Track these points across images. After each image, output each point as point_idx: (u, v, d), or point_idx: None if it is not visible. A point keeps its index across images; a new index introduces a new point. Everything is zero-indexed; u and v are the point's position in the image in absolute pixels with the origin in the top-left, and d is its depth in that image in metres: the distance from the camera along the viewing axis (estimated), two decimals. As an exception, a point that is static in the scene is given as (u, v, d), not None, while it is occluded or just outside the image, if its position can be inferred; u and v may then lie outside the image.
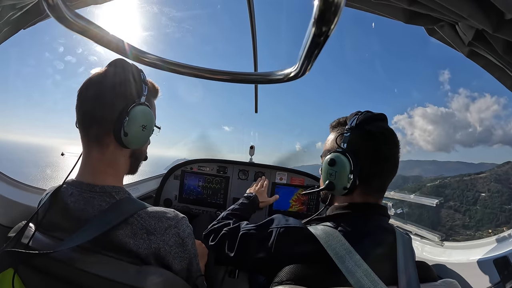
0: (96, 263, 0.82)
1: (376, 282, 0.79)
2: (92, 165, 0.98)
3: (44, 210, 0.94)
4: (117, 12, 1.66)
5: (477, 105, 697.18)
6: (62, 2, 0.42)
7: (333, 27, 0.34)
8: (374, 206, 1.08)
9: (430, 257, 1.47)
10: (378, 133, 1.06)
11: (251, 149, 2.97)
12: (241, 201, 1.66)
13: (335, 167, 1.03)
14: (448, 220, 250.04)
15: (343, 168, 1.01)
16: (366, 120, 1.08)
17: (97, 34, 0.46)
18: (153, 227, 0.90)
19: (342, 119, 1.19)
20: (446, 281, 0.95)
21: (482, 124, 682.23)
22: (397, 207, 2.33)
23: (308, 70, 0.44)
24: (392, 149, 1.08)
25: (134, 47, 0.50)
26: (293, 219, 1.09)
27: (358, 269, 0.82)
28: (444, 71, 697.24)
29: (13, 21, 1.15)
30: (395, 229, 1.04)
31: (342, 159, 1.02)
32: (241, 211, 1.56)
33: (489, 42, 0.91)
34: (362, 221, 1.03)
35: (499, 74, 1.05)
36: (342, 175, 1.02)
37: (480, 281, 1.16)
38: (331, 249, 0.90)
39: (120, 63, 1.01)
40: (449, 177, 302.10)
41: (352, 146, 1.04)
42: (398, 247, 0.96)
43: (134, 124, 0.96)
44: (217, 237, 1.22)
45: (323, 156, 1.20)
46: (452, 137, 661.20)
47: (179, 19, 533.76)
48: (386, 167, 1.08)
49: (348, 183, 1.01)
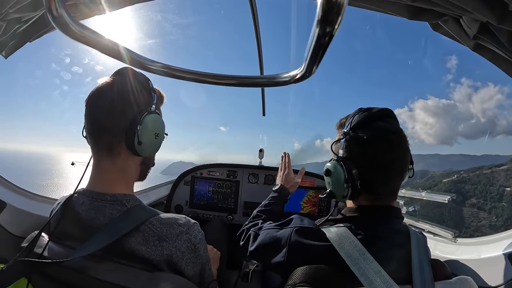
0: (108, 270, 0.82)
1: (389, 283, 0.78)
2: (103, 174, 0.99)
3: (56, 220, 0.95)
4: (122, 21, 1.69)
5: (480, 95, 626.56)
6: (67, 13, 0.43)
7: (337, 27, 0.34)
8: (383, 209, 1.04)
9: (443, 254, 1.45)
10: (376, 138, 0.99)
11: (260, 152, 2.97)
12: (271, 195, 1.68)
13: (330, 177, 1.02)
14: (473, 220, 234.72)
15: (338, 178, 1.00)
16: (362, 122, 1.02)
17: (103, 43, 0.47)
18: (165, 233, 0.91)
19: (343, 119, 1.13)
20: (460, 278, 0.94)
21: (485, 114, 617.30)
22: (409, 205, 2.30)
23: (314, 71, 0.44)
24: (396, 152, 1.00)
25: (139, 55, 0.51)
26: (308, 220, 1.09)
27: (371, 270, 0.82)
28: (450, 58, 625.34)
29: (19, 34, 1.17)
30: (409, 229, 1.02)
31: (336, 169, 1.00)
32: (271, 205, 1.59)
33: (494, 35, 0.90)
34: (375, 224, 1.00)
35: (506, 67, 1.04)
36: (338, 184, 1.00)
37: (495, 277, 1.14)
38: (344, 251, 0.89)
39: (127, 72, 1.02)
40: (461, 170, 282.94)
41: (348, 153, 1.02)
42: (413, 247, 0.94)
43: (147, 132, 0.97)
44: (245, 237, 1.31)
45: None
46: (455, 129, 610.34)
47: (183, 25, 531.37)
48: (390, 174, 1.01)
49: (345, 191, 1.00)
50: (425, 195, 2.27)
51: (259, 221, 1.37)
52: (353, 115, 1.07)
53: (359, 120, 1.03)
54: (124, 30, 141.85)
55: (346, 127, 1.04)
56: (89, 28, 0.45)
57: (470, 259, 1.29)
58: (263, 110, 3.62)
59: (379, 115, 1.04)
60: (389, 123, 1.03)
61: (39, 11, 1.07)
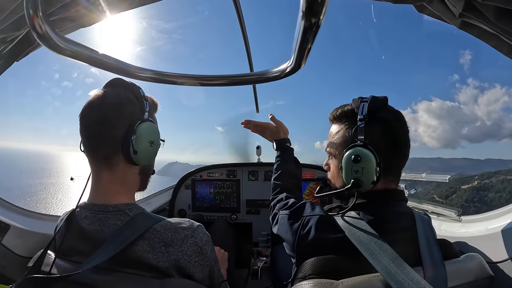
0: (119, 282, 0.82)
1: (403, 266, 0.78)
2: (104, 186, 0.99)
3: (61, 236, 0.95)
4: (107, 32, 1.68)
5: (487, 97, 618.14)
6: (51, 29, 0.43)
7: (322, 18, 0.34)
8: (393, 192, 1.06)
9: (449, 234, 1.46)
10: (394, 120, 1.03)
11: (257, 149, 2.97)
12: (276, 157, 1.65)
13: (361, 163, 0.97)
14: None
15: (370, 163, 0.97)
16: (378, 107, 1.03)
17: (90, 56, 0.47)
18: (170, 239, 0.91)
19: (346, 107, 1.12)
20: (468, 255, 0.94)
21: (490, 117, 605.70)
22: (411, 187, 2.31)
23: (303, 64, 0.44)
24: (407, 133, 1.06)
25: (129, 64, 0.50)
26: (319, 207, 1.09)
27: (384, 254, 0.82)
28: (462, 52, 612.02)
29: (5, 55, 1.16)
30: (413, 211, 1.03)
31: (367, 154, 0.97)
32: (283, 166, 1.57)
33: (480, 11, 0.90)
34: (383, 208, 1.01)
35: (495, 42, 1.04)
36: (369, 170, 0.97)
37: (502, 252, 1.14)
38: (355, 237, 0.89)
39: (118, 82, 1.02)
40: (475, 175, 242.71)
41: (371, 137, 1.00)
42: (419, 228, 0.95)
43: (142, 141, 0.98)
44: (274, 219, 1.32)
45: (333, 151, 1.15)
46: (459, 132, 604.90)
47: (169, 30, 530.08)
48: (405, 153, 1.05)
49: (376, 176, 0.98)
50: (425, 176, 2.28)
51: (280, 196, 1.39)
52: (361, 101, 1.05)
53: (375, 104, 1.03)
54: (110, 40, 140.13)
55: (361, 113, 1.02)
56: (76, 42, 0.45)
57: (477, 236, 1.29)
58: (256, 107, 3.62)
59: (385, 101, 1.07)
60: (394, 108, 1.08)
61: (23, 29, 1.06)
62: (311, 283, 0.81)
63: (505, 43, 1.00)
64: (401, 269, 0.77)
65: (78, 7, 1.07)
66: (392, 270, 0.77)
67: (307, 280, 0.84)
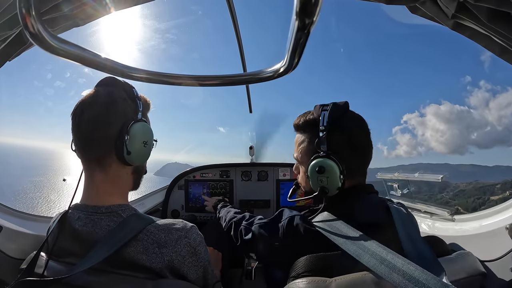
0: (113, 283, 0.82)
1: (378, 254, 0.80)
2: (96, 187, 0.98)
3: (54, 238, 0.94)
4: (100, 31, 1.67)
5: (498, 101, 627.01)
6: (44, 29, 0.42)
7: (316, 19, 0.34)
8: (360, 187, 1.11)
9: (442, 233, 1.47)
10: (355, 126, 1.08)
11: (250, 150, 2.97)
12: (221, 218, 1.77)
13: (325, 173, 1.02)
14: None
15: (333, 173, 1.01)
16: (339, 114, 1.06)
17: (83, 56, 0.46)
18: (164, 240, 0.90)
19: (308, 116, 1.14)
20: (460, 253, 0.95)
21: (501, 122, 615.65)
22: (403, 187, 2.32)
23: (297, 64, 0.44)
24: (368, 136, 1.10)
25: (122, 64, 0.50)
26: (297, 212, 1.12)
27: (365, 248, 0.83)
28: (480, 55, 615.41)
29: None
30: (387, 202, 1.05)
31: (330, 164, 1.01)
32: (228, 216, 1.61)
33: (473, 12, 0.91)
34: (356, 204, 1.03)
35: (487, 42, 1.05)
36: (334, 179, 1.01)
37: (496, 249, 1.16)
38: (334, 236, 0.91)
39: (110, 82, 1.01)
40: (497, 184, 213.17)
41: (334, 146, 1.03)
42: (396, 220, 0.96)
43: (135, 141, 0.97)
44: (236, 231, 1.36)
45: (299, 159, 1.20)
46: (467, 137, 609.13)
47: (163, 30, 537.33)
48: (368, 155, 1.11)
49: (340, 183, 1.02)
50: (418, 176, 2.30)
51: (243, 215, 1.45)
52: (322, 109, 1.07)
53: (333, 114, 1.05)
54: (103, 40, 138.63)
55: (323, 123, 1.04)
56: (69, 42, 0.45)
57: (470, 235, 1.30)
58: (249, 107, 3.63)
59: (347, 107, 1.10)
60: (355, 113, 1.12)
61: (15, 29, 1.05)
62: (305, 281, 0.81)
63: (497, 43, 1.01)
64: (386, 255, 0.79)
65: (72, 7, 1.06)
66: (377, 265, 0.78)
67: (300, 278, 0.84)
